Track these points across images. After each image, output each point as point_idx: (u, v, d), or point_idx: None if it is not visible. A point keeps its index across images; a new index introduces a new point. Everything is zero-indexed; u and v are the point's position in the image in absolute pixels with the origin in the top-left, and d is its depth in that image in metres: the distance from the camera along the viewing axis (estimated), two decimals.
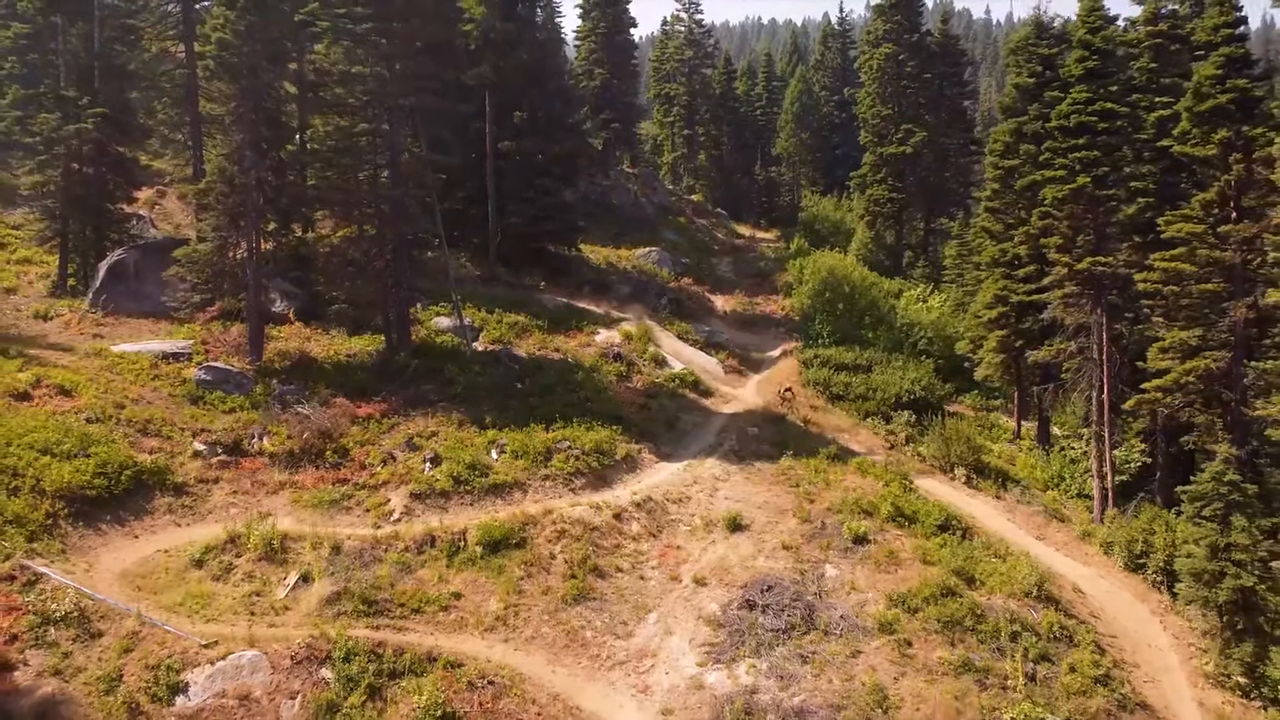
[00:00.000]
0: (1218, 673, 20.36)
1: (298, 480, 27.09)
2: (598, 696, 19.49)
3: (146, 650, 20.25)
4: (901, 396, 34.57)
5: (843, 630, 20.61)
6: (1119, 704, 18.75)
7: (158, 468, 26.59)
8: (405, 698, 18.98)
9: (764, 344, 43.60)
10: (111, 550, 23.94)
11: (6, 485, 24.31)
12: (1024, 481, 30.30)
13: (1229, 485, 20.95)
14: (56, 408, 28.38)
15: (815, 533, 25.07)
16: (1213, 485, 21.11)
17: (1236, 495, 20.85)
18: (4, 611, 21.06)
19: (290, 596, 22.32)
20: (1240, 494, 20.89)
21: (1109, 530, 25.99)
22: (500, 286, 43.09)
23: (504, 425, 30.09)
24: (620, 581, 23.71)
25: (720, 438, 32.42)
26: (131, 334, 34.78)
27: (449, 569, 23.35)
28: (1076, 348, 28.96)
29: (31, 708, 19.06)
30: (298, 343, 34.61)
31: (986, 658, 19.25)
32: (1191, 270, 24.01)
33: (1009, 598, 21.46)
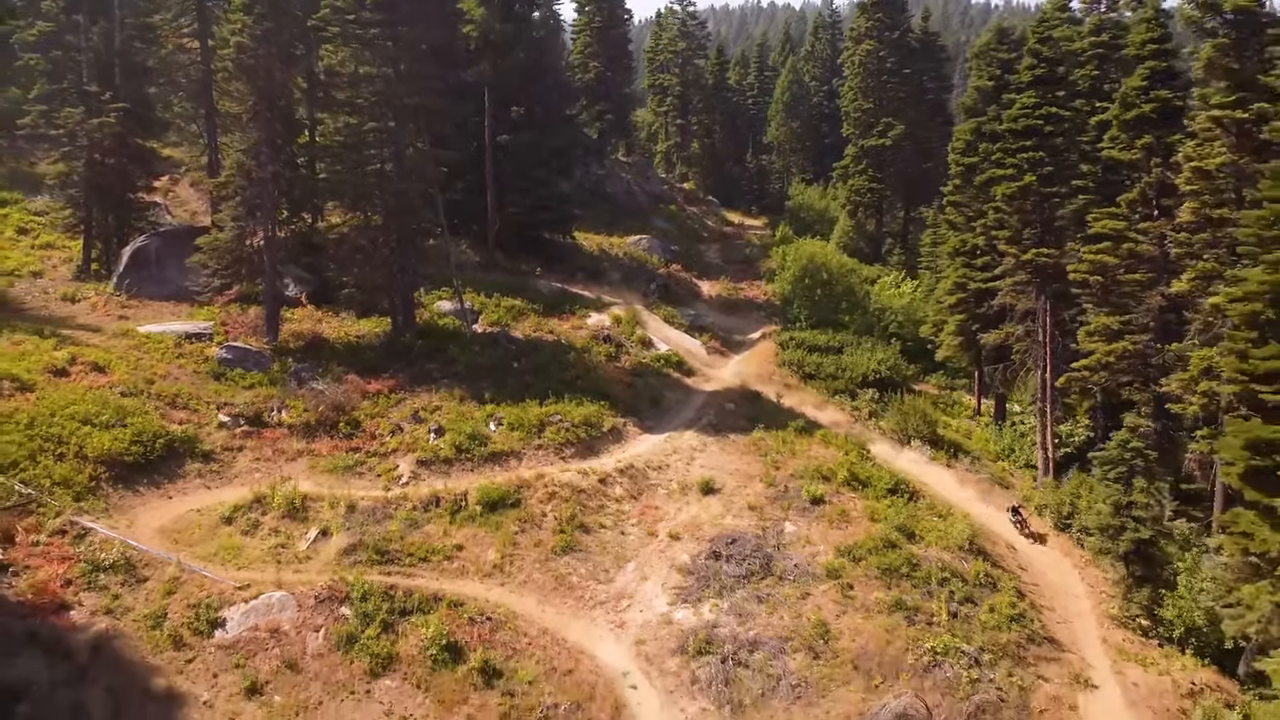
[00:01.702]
0: (1122, 615, 23.48)
1: (314, 448, 30.12)
2: (581, 630, 22.63)
3: (187, 592, 23.29)
4: (868, 376, 37.61)
5: (795, 576, 23.75)
6: (1028, 638, 21.90)
7: (187, 437, 29.60)
8: (414, 631, 22.07)
9: (746, 327, 46.61)
10: (149, 509, 26.93)
11: (53, 451, 27.25)
12: (975, 453, 33.43)
13: (1132, 451, 24.02)
14: (93, 383, 31.32)
15: (778, 495, 28.17)
16: (1118, 451, 24.19)
17: (1138, 460, 23.92)
18: (58, 560, 24.08)
19: (311, 548, 25.41)
20: (1142, 459, 23.96)
21: (1042, 495, 29.16)
22: (499, 272, 45.96)
23: (501, 400, 33.11)
24: (603, 536, 26.82)
25: (700, 413, 35.49)
26: (155, 316, 37.72)
27: (452, 525, 26.41)
28: (1024, 331, 32.01)
29: (88, 641, 22.05)
30: (310, 324, 37.59)
31: (917, 599, 22.40)
32: (1115, 262, 26.98)
33: (943, 550, 24.62)
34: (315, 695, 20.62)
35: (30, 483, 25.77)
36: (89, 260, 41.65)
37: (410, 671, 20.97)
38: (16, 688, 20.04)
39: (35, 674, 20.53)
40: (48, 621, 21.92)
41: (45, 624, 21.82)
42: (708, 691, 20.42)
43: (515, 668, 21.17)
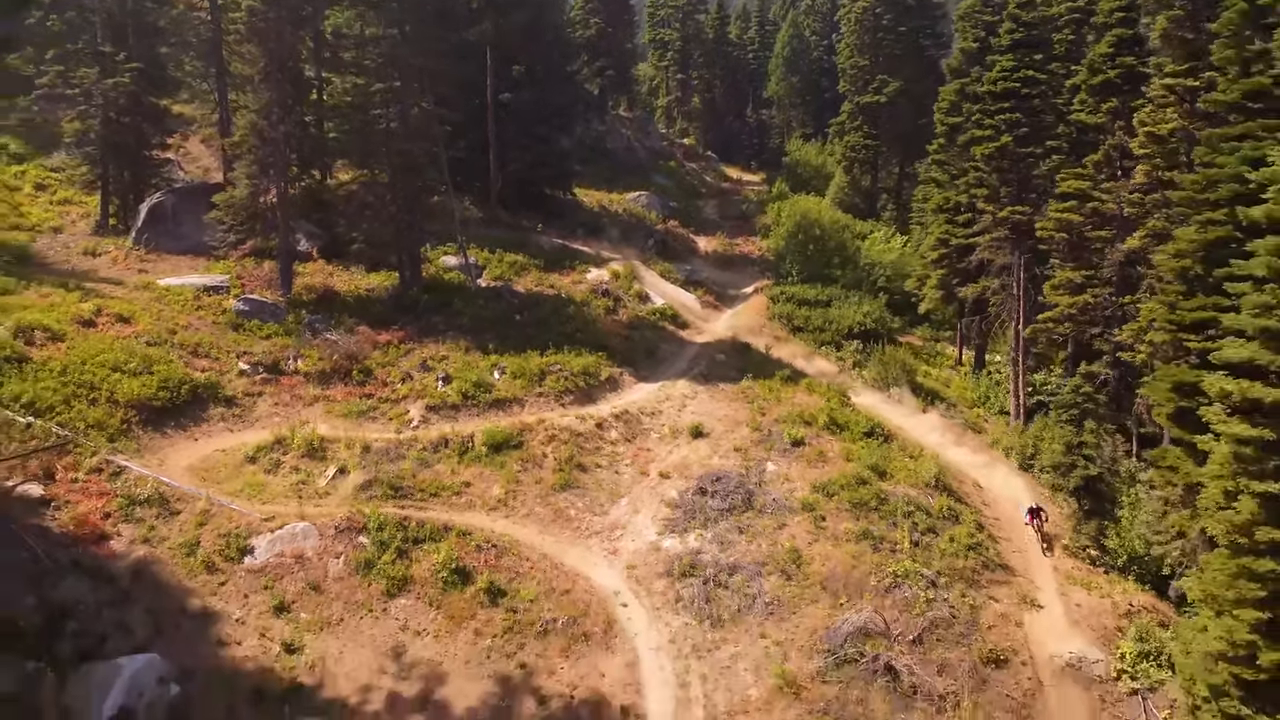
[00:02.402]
0: (1073, 545, 25.63)
1: (329, 395, 32.17)
2: (577, 556, 24.87)
3: (217, 523, 25.47)
4: (854, 328, 39.45)
5: (773, 509, 25.91)
6: (983, 565, 24.09)
7: (210, 383, 31.64)
8: (426, 557, 24.30)
9: (740, 282, 48.33)
10: (177, 450, 29.05)
11: (86, 397, 29.26)
12: (952, 399, 35.42)
13: (1083, 396, 25.94)
14: (119, 333, 33.26)
15: (762, 438, 30.23)
16: (1071, 395, 26.11)
17: (1089, 404, 25.86)
18: (97, 495, 26.24)
19: (330, 485, 27.58)
20: (1093, 403, 25.90)
21: (1008, 438, 31.19)
22: (501, 228, 47.56)
23: (504, 351, 35.05)
24: (599, 475, 28.96)
25: (692, 363, 37.44)
26: (173, 269, 39.51)
27: (460, 464, 28.54)
28: (1000, 285, 33.74)
29: (128, 567, 24.25)
30: (322, 278, 39.42)
31: (883, 529, 24.55)
32: (1079, 220, 28.59)
33: (911, 487, 26.72)
34: (337, 613, 22.89)
35: (66, 425, 27.80)
36: (107, 216, 43.35)
37: (423, 592, 23.22)
38: (66, 608, 22.14)
39: (81, 596, 22.64)
40: (89, 550, 24.03)
41: (87, 552, 23.93)
42: (690, 608, 22.68)
43: (518, 588, 23.42)
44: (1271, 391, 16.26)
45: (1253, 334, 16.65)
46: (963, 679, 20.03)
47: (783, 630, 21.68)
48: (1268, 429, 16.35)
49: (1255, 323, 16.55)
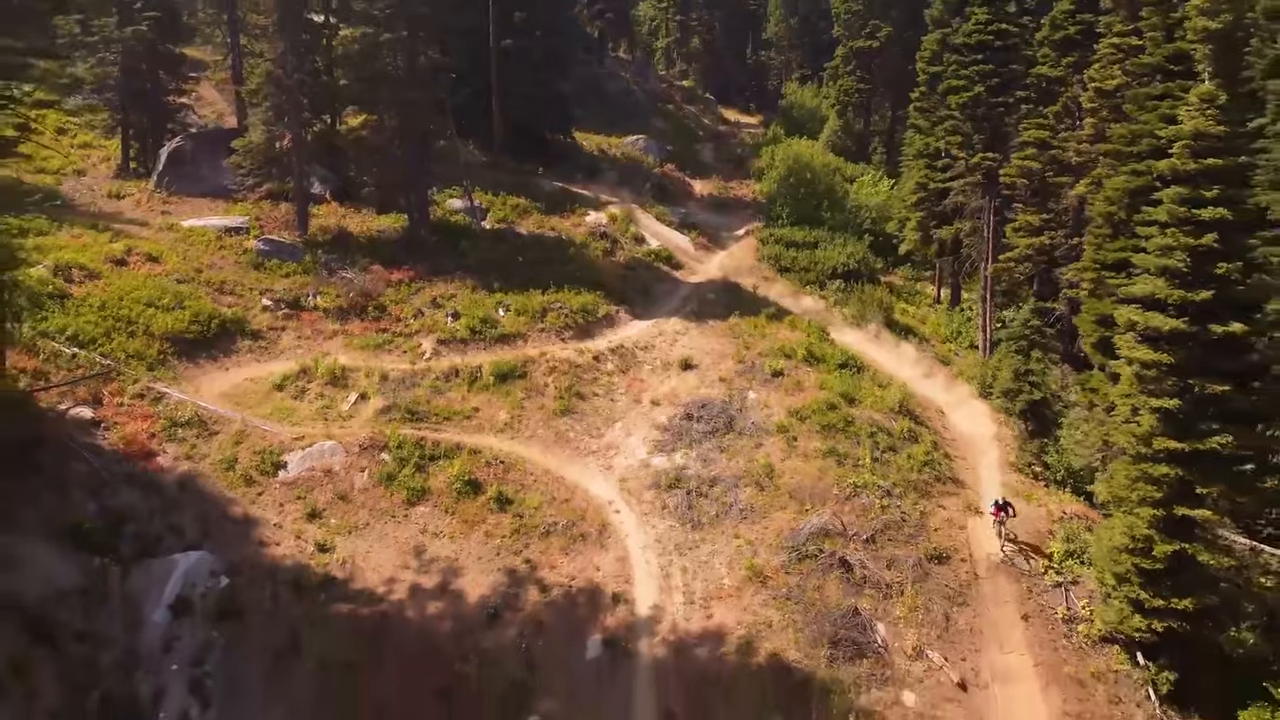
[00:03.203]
0: (1019, 462, 28.63)
1: (348, 329, 34.95)
2: (576, 472, 27.96)
3: (252, 442, 28.50)
4: (838, 268, 41.97)
5: (751, 432, 28.91)
6: (936, 478, 27.15)
7: (237, 318, 34.39)
8: (441, 471, 27.36)
9: (732, 224, 50.65)
10: (210, 379, 31.92)
11: (125, 330, 32.02)
12: (926, 335, 38.18)
13: (1030, 328, 28.68)
14: (149, 271, 35.88)
15: (746, 370, 33.08)
16: (1020, 328, 28.87)
17: (1036, 336, 28.61)
18: (141, 418, 29.20)
19: (352, 409, 30.56)
20: (1040, 335, 28.65)
21: (972, 369, 34.03)
22: (504, 172, 49.71)
23: (509, 290, 37.69)
24: (596, 402, 31.90)
25: (684, 302, 40.10)
26: (194, 211, 41.95)
27: (470, 392, 31.45)
28: (971, 228, 36.19)
29: (175, 480, 27.29)
30: (335, 219, 41.87)
31: (848, 448, 27.55)
32: (1039, 167, 30.92)
33: (876, 411, 29.67)
34: (364, 518, 26.03)
35: (108, 356, 30.69)
36: (127, 160, 45.60)
37: (440, 500, 26.35)
38: (123, 514, 25.16)
39: (135, 503, 25.69)
40: (139, 465, 27.01)
41: (138, 467, 26.92)
42: (674, 514, 25.85)
43: (523, 497, 26.55)
44: (1169, 321, 18.98)
45: (1155, 272, 19.29)
46: (907, 572, 23.22)
47: (754, 531, 24.85)
48: (1165, 354, 19.11)
49: (1157, 262, 19.18)
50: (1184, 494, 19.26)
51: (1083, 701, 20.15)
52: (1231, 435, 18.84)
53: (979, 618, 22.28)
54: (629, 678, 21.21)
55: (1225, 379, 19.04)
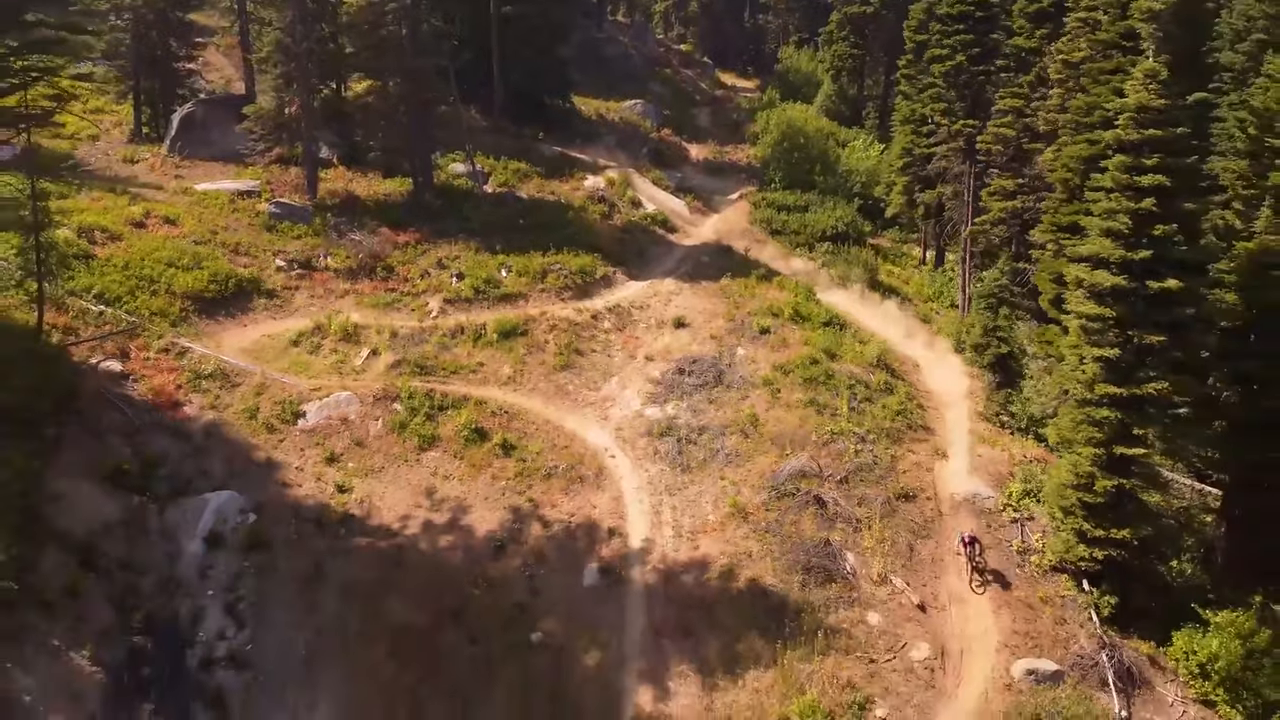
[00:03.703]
0: (987, 411, 30.77)
1: (358, 289, 36.92)
2: (575, 421, 30.15)
3: (272, 393, 30.63)
4: (827, 231, 43.83)
5: (739, 385, 31.06)
6: (908, 426, 29.36)
7: (253, 277, 36.35)
8: (450, 420, 29.52)
9: (727, 188, 52.35)
10: (229, 335, 33.97)
11: (148, 288, 34.00)
12: (908, 294, 40.19)
13: (999, 286, 30.71)
14: (168, 233, 37.80)
15: (735, 328, 35.14)
16: (990, 285, 30.89)
17: (1005, 294, 30.65)
18: (167, 371, 31.31)
19: (364, 364, 32.67)
20: (1007, 293, 30.68)
21: (947, 326, 36.08)
22: (505, 137, 51.30)
23: (510, 252, 39.60)
24: (594, 358, 34.00)
25: (678, 264, 42.03)
26: (206, 175, 43.70)
27: (475, 348, 33.52)
28: (953, 192, 37.99)
29: (202, 427, 29.46)
30: (343, 183, 43.64)
31: (827, 399, 29.72)
32: (1013, 134, 32.67)
33: (856, 365, 31.82)
34: (379, 462, 28.27)
35: (133, 313, 32.75)
36: (140, 125, 47.21)
37: (449, 446, 28.56)
38: (156, 458, 27.42)
39: (167, 449, 27.88)
40: (168, 414, 29.24)
41: (166, 416, 29.09)
42: (665, 459, 28.10)
43: (526, 444, 28.77)
44: (1112, 278, 20.98)
45: (1101, 233, 21.24)
46: (876, 508, 25.49)
47: (738, 474, 27.11)
48: (1108, 308, 21.15)
49: (1102, 224, 21.11)
50: (1123, 435, 21.42)
51: (1030, 622, 22.51)
52: (1167, 382, 20.96)
53: (940, 549, 24.61)
54: (622, 601, 23.56)
55: (1161, 330, 21.11)
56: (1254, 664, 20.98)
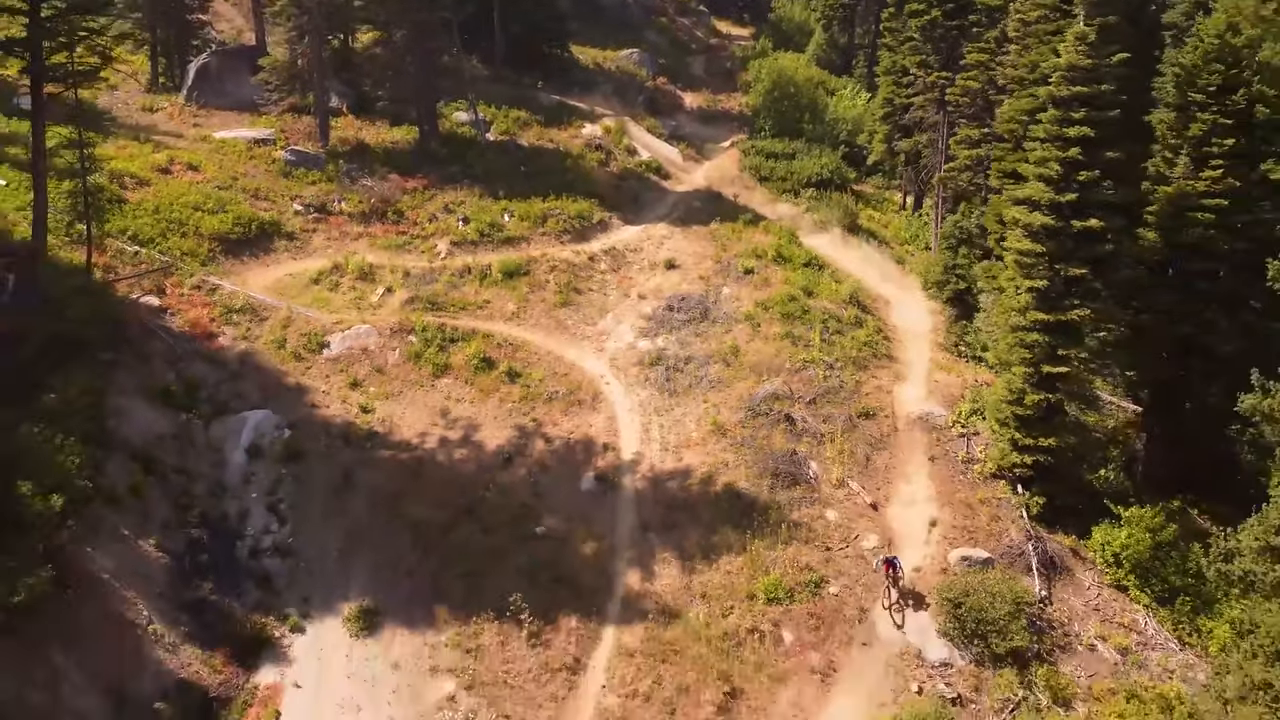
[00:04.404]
0: (946, 342, 34.14)
1: (371, 232, 40.08)
2: (573, 352, 33.56)
3: (298, 326, 34.00)
4: (812, 178, 46.74)
5: (723, 320, 34.41)
6: (873, 355, 32.80)
7: (273, 220, 39.50)
8: (460, 350, 32.89)
9: (719, 136, 55.09)
10: (254, 273, 37.22)
11: (177, 231, 37.17)
12: (885, 238, 43.31)
13: (959, 228, 33.83)
14: (192, 179, 40.85)
15: (722, 269, 38.38)
16: (951, 228, 34.01)
17: (964, 234, 33.80)
18: (201, 306, 34.60)
19: (380, 300, 35.99)
20: (965, 233, 33.83)
21: (915, 265, 39.31)
22: (505, 86, 53.86)
23: (512, 197, 42.64)
24: (590, 296, 37.29)
25: (671, 209, 45.07)
26: (223, 123, 46.53)
27: (481, 287, 36.79)
28: (928, 140, 40.85)
29: (236, 356, 32.83)
30: (353, 132, 46.49)
31: (801, 331, 33.07)
32: (979, 86, 35.45)
33: (830, 302, 35.15)
34: (397, 387, 31.71)
35: (166, 253, 35.97)
36: (156, 75, 49.88)
37: (460, 373, 31.99)
38: (197, 381, 30.81)
39: (206, 374, 31.29)
40: (204, 344, 32.66)
41: (203, 345, 32.55)
42: (654, 385, 31.58)
43: (529, 372, 32.21)
44: (1042, 218, 24.17)
45: (1035, 178, 24.34)
46: (839, 425, 29.03)
47: (719, 397, 30.61)
48: (1039, 244, 24.38)
49: (1036, 170, 24.20)
50: (1050, 356, 24.80)
51: (969, 519, 26.16)
52: (1088, 310, 24.28)
53: (894, 459, 28.21)
54: (614, 502, 27.23)
55: (1084, 264, 24.35)
56: (1161, 554, 24.65)
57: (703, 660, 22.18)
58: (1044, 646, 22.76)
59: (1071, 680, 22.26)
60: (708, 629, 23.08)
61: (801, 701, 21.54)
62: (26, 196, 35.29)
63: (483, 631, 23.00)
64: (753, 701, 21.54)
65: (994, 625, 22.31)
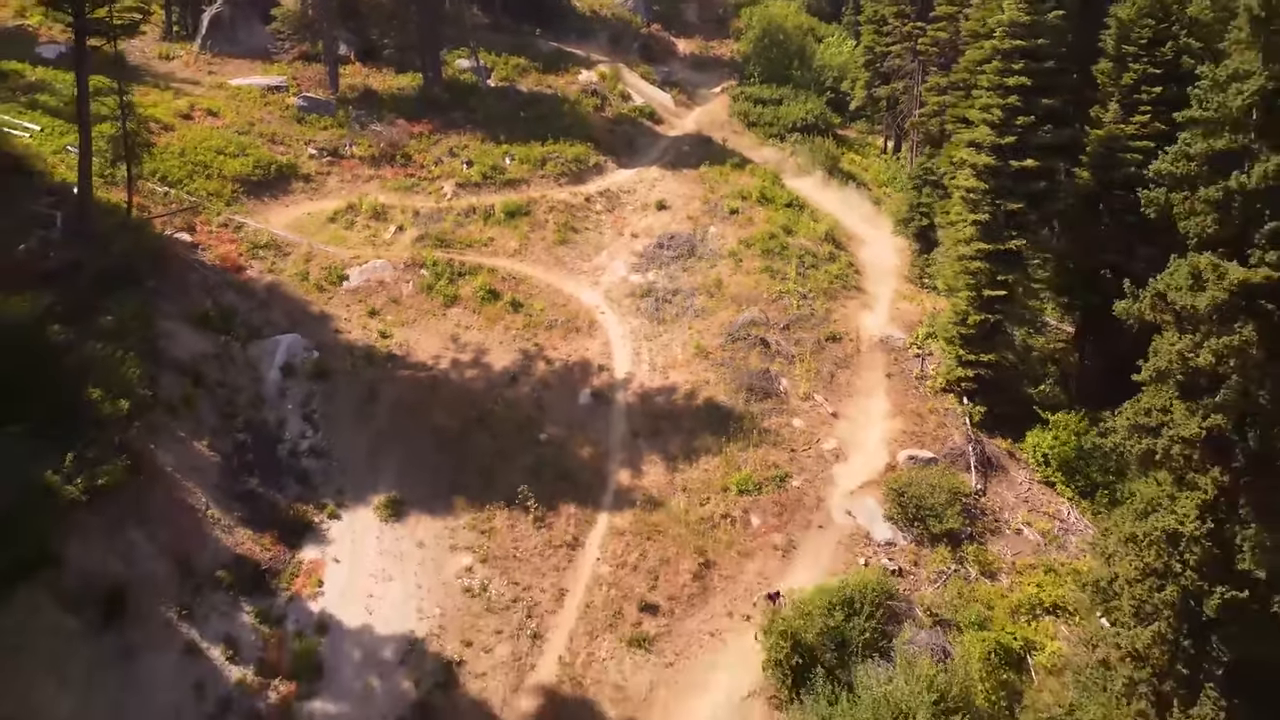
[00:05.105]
0: (911, 275, 38.03)
1: (381, 174, 43.60)
2: (572, 286, 37.40)
3: (319, 261, 37.74)
4: (797, 123, 50.07)
5: (709, 257, 38.19)
6: (843, 287, 36.69)
7: (290, 163, 42.98)
8: (468, 283, 36.70)
9: (710, 82, 58.20)
10: (274, 213, 40.79)
11: (203, 173, 40.75)
12: (865, 180, 46.86)
13: (923, 169, 37.44)
14: (212, 124, 44.26)
15: (709, 209, 42.03)
16: (917, 169, 37.59)
17: (929, 176, 37.42)
18: (229, 242, 38.29)
19: (393, 238, 39.70)
20: (929, 174, 37.46)
21: (891, 206, 42.96)
22: (505, 33, 56.82)
23: (513, 141, 46.06)
24: (587, 235, 41.00)
25: (663, 153, 48.52)
26: (236, 71, 49.70)
27: (485, 225, 40.48)
28: (904, 88, 44.13)
29: (264, 287, 36.58)
30: (361, 79, 49.70)
31: (779, 266, 36.90)
32: (947, 37, 38.68)
33: (807, 239, 38.90)
34: (412, 316, 35.55)
35: (193, 193, 39.55)
36: (170, 24, 52.85)
37: (468, 304, 35.84)
38: (231, 309, 34.57)
39: (238, 303, 34.98)
40: (234, 276, 36.44)
41: (233, 277, 36.35)
42: (645, 314, 35.50)
43: (531, 303, 36.06)
44: (984, 158, 27.83)
45: (980, 123, 27.90)
46: (809, 347, 33.04)
47: (703, 325, 34.57)
48: (983, 182, 28.06)
49: (981, 115, 27.75)
50: (990, 281, 28.67)
51: (918, 426, 30.27)
52: (1024, 240, 28.07)
53: (856, 376, 32.26)
54: (608, 413, 31.31)
55: (1021, 199, 28.07)
56: (1084, 455, 28.79)
57: (682, 539, 26.45)
58: (976, 530, 27.01)
59: (998, 557, 26.54)
60: (687, 515, 27.32)
61: (765, 571, 25.83)
62: (61, 140, 39.05)
63: (495, 517, 27.22)
64: (724, 571, 25.84)
65: (932, 511, 26.53)
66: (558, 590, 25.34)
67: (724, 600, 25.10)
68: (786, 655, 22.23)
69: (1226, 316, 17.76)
